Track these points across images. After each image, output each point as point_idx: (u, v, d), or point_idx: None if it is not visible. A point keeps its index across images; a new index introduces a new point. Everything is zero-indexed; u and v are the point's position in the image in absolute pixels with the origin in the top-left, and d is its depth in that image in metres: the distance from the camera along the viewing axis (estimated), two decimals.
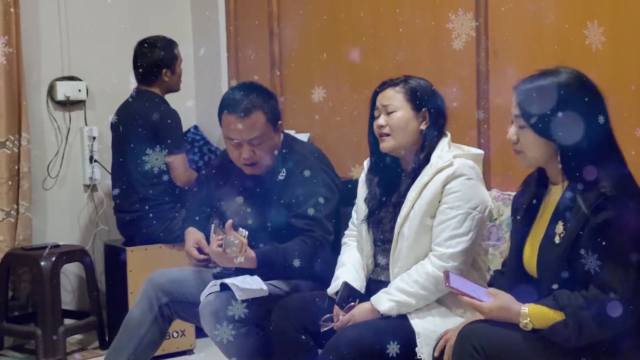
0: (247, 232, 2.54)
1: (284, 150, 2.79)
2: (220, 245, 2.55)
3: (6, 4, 3.78)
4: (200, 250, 2.86)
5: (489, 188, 3.00)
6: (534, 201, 2.15)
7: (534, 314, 1.96)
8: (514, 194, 2.82)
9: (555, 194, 2.09)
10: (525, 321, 1.96)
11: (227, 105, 2.72)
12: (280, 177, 2.74)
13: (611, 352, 1.95)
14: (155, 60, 3.73)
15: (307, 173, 2.70)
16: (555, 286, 1.98)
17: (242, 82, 2.94)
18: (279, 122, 2.78)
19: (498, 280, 2.26)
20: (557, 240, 1.99)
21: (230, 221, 2.54)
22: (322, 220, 2.67)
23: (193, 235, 2.90)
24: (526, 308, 1.97)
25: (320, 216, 2.66)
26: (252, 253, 2.56)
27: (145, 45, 3.77)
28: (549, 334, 1.94)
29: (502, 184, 3.05)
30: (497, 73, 3.19)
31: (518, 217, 2.19)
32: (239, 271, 2.78)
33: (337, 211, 2.74)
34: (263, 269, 2.61)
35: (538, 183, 2.15)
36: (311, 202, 2.66)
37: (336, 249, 2.69)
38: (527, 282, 2.10)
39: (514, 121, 2.09)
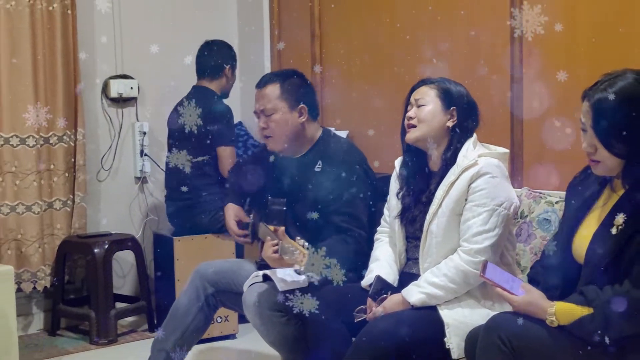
0: (306, 242, 2.42)
1: (321, 143, 2.84)
2: (276, 252, 2.56)
3: (64, 7, 3.91)
4: (239, 225, 3.00)
5: (521, 186, 3.01)
6: (593, 190, 2.10)
7: (561, 312, 1.96)
8: (545, 191, 2.83)
9: (619, 186, 2.04)
10: (551, 318, 1.97)
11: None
12: (317, 169, 2.78)
13: (638, 348, 1.94)
14: (221, 56, 3.90)
15: (343, 168, 2.72)
16: (596, 276, 1.94)
17: None
18: (301, 104, 2.80)
19: (537, 273, 2.22)
20: (614, 231, 1.96)
21: (282, 228, 2.56)
22: (359, 216, 2.70)
23: (232, 210, 3.05)
24: (554, 307, 1.98)
25: (357, 212, 2.69)
26: None
27: (212, 43, 3.95)
28: (575, 328, 1.94)
29: (534, 182, 3.05)
30: (531, 70, 3.17)
31: (573, 202, 2.14)
32: None
33: (369, 205, 2.76)
34: None
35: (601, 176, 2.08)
36: (348, 199, 2.69)
37: (367, 242, 2.69)
38: (573, 268, 2.07)
39: (588, 131, 1.99)
